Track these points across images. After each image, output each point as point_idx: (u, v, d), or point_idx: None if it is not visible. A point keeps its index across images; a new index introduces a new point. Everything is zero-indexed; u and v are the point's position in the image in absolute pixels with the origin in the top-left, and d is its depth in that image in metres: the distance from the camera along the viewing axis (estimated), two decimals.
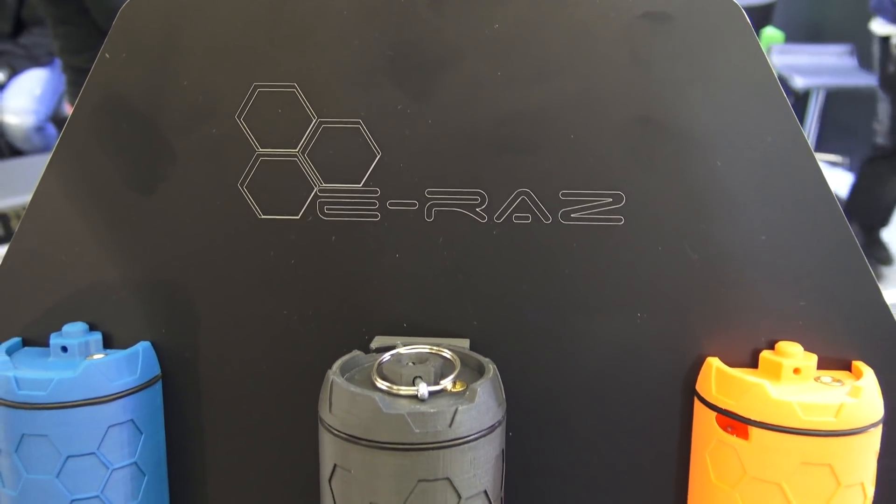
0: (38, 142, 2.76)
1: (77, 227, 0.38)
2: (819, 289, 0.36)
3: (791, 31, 3.65)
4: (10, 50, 2.78)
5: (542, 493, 0.39)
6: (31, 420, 0.35)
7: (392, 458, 0.30)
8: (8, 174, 2.58)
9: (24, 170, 2.56)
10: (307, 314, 0.38)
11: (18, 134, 2.72)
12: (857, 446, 0.33)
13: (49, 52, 2.78)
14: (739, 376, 0.35)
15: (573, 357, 0.37)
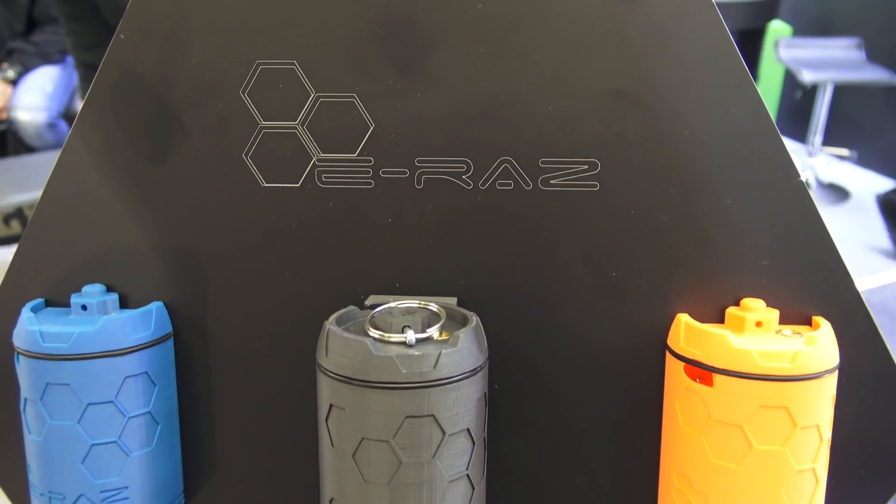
0: (50, 138, 2.80)
1: (95, 196, 0.41)
2: (780, 249, 0.39)
3: (799, 25, 3.65)
4: (21, 48, 2.81)
5: (525, 441, 0.42)
6: (54, 370, 0.39)
7: (382, 397, 0.33)
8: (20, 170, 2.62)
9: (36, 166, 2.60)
10: (306, 275, 0.41)
11: (30, 130, 2.76)
12: (811, 391, 0.36)
13: (60, 49, 2.82)
14: (705, 329, 0.38)
15: (553, 313, 0.40)
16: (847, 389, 0.40)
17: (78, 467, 0.39)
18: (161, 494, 0.42)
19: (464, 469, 0.35)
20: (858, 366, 0.40)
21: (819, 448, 0.37)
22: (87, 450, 0.39)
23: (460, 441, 0.35)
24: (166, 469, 0.42)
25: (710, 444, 0.38)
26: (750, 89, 0.38)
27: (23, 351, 0.39)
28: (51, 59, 2.85)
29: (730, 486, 0.37)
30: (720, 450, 0.37)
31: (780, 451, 0.36)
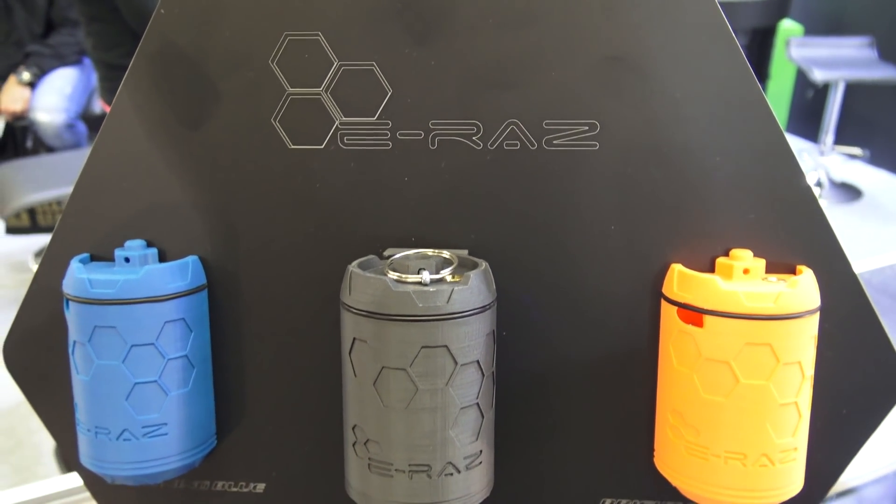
0: (69, 139, 2.85)
1: (136, 158, 0.45)
2: (767, 203, 0.42)
3: (810, 24, 3.66)
4: (38, 50, 2.87)
5: (531, 383, 0.45)
6: (101, 314, 0.42)
7: (400, 329, 0.37)
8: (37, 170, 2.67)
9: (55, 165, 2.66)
10: (329, 230, 0.45)
11: (50, 131, 2.82)
12: (793, 329, 0.40)
13: (77, 51, 2.87)
14: (696, 275, 0.41)
15: (557, 264, 0.44)
16: (829, 334, 0.43)
17: (122, 404, 0.43)
18: (195, 433, 0.46)
19: (474, 398, 0.38)
20: (839, 311, 0.43)
21: (801, 384, 0.40)
22: (131, 388, 0.43)
23: (471, 372, 0.38)
24: (201, 410, 0.46)
25: (700, 380, 0.41)
26: (737, 55, 0.41)
27: (72, 297, 0.43)
28: (67, 60, 2.90)
29: (719, 418, 0.40)
30: (710, 385, 0.41)
31: (764, 386, 0.40)
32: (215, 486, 0.49)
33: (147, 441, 0.44)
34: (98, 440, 0.44)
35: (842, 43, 3.36)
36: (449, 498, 0.38)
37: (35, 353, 0.48)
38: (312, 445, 0.47)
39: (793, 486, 0.41)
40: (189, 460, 0.45)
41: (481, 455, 0.39)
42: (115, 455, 0.44)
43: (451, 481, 0.38)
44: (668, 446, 0.43)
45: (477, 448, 0.39)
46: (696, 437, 0.41)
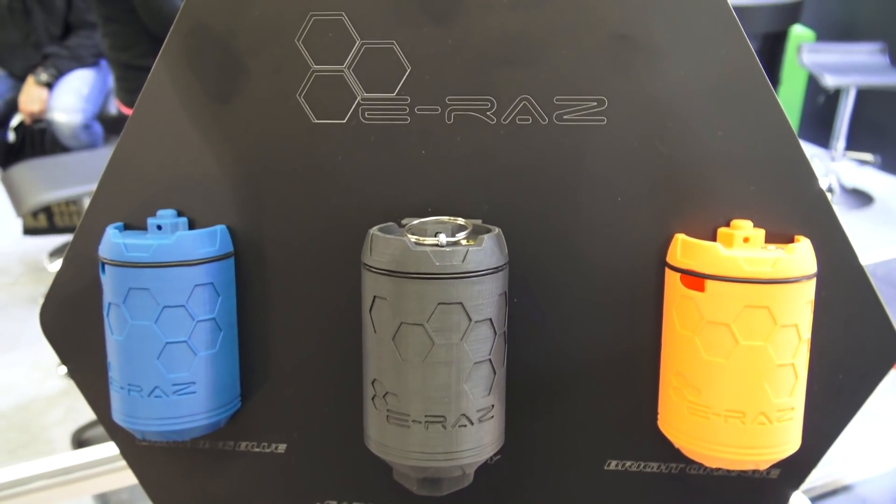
0: (85, 139, 2.89)
1: (169, 131, 0.47)
2: (766, 176, 0.44)
3: (822, 30, 3.67)
4: (56, 52, 2.91)
5: (541, 347, 0.47)
6: (136, 276, 0.45)
7: (418, 286, 0.39)
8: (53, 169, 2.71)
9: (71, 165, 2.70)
10: (350, 201, 0.47)
11: (67, 131, 2.86)
12: (790, 293, 0.42)
13: (94, 53, 2.91)
14: (698, 242, 0.44)
15: (565, 233, 0.46)
16: (825, 302, 0.45)
17: (154, 362, 0.46)
18: (222, 393, 0.48)
19: (487, 354, 0.41)
20: (835, 280, 0.45)
21: (798, 346, 0.43)
22: (162, 347, 0.46)
23: (484, 329, 0.40)
24: (226, 371, 0.48)
25: (702, 342, 0.43)
26: (738, 35, 0.43)
27: (108, 261, 0.45)
28: (84, 62, 2.94)
29: (719, 379, 0.43)
30: (711, 347, 0.43)
31: (762, 347, 0.42)
32: (239, 446, 0.51)
33: (176, 398, 0.46)
34: (130, 397, 0.46)
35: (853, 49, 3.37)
36: (462, 448, 0.41)
37: (71, 318, 0.50)
38: (331, 407, 0.50)
39: (790, 445, 0.43)
40: (215, 419, 0.48)
41: (493, 410, 0.42)
42: (146, 411, 0.46)
43: (465, 433, 0.41)
44: (671, 407, 0.45)
45: (489, 402, 0.41)
46: (698, 397, 0.43)
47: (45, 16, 2.96)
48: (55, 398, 2.39)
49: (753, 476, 0.48)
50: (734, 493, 0.48)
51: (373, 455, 0.49)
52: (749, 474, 0.48)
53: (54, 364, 2.52)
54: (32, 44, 2.97)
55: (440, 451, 0.40)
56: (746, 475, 0.48)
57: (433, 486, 0.43)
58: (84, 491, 0.79)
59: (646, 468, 0.48)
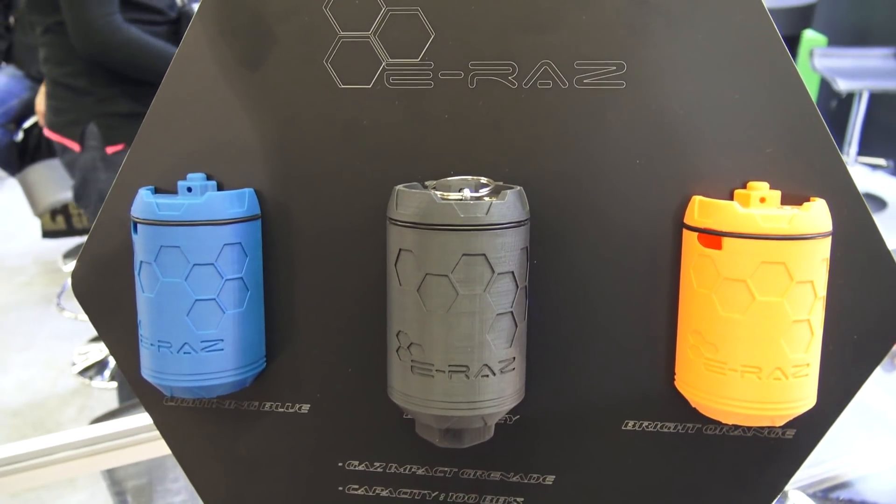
0: None
1: (199, 97, 0.49)
2: (782, 138, 0.45)
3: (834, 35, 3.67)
4: None
5: (556, 311, 0.49)
6: (167, 234, 0.46)
7: (443, 237, 0.40)
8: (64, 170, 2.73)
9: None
10: (375, 164, 0.48)
11: None
12: (806, 250, 0.43)
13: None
14: (716, 202, 0.45)
15: (585, 196, 0.47)
16: (840, 262, 0.46)
17: (183, 319, 0.47)
18: (248, 351, 0.49)
19: (509, 306, 0.42)
20: (851, 241, 0.46)
21: (813, 303, 0.43)
22: (192, 304, 0.47)
23: (506, 281, 0.41)
24: (253, 331, 0.50)
25: (719, 299, 0.44)
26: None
27: (141, 220, 0.47)
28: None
29: (736, 335, 0.44)
30: (728, 304, 0.44)
31: (778, 302, 0.43)
32: (263, 406, 0.52)
33: (205, 355, 0.47)
34: (160, 353, 0.47)
35: (865, 53, 3.37)
36: (484, 398, 0.42)
37: (101, 280, 0.52)
38: (355, 368, 0.51)
39: (805, 401, 0.44)
40: (241, 376, 0.49)
41: (514, 362, 0.43)
42: (175, 367, 0.47)
43: (487, 383, 0.42)
44: (688, 365, 0.46)
45: (510, 354, 0.42)
46: (715, 353, 0.44)
47: None
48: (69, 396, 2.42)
49: (769, 436, 0.49)
50: (750, 453, 0.49)
51: (395, 416, 0.50)
52: (764, 434, 0.49)
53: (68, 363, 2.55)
54: None
55: (463, 401, 0.42)
56: (762, 435, 0.49)
57: (455, 438, 0.44)
58: (96, 466, 0.81)
59: (662, 428, 0.49)
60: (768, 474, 0.49)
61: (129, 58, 1.66)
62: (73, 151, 1.80)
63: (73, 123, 1.76)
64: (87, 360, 2.54)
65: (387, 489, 0.52)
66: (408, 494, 0.52)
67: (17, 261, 3.49)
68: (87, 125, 1.75)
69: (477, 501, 0.52)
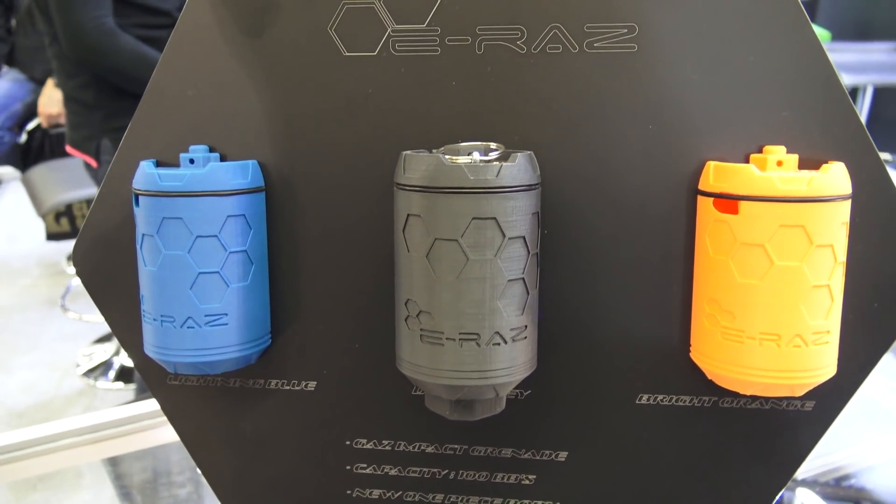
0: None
1: (201, 67, 0.48)
2: (799, 101, 0.44)
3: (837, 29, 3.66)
4: None
5: (567, 282, 0.47)
6: (169, 206, 0.45)
7: (452, 201, 0.39)
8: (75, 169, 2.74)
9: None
10: (381, 133, 0.47)
11: None
12: (825, 212, 0.41)
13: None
14: (731, 165, 0.43)
15: (596, 163, 0.46)
16: (859, 228, 0.45)
17: (187, 292, 0.46)
18: (253, 327, 0.48)
19: (520, 272, 0.41)
20: (870, 206, 0.45)
21: (833, 268, 0.42)
22: (195, 277, 0.46)
23: (517, 247, 0.40)
24: (258, 305, 0.49)
25: (736, 265, 0.43)
26: None
27: (143, 191, 0.46)
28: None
29: (754, 301, 0.42)
30: (745, 269, 0.42)
31: (798, 267, 0.42)
32: (269, 384, 0.51)
33: (209, 329, 0.46)
34: (163, 328, 0.46)
35: (869, 48, 3.35)
36: (496, 367, 0.41)
37: (103, 257, 0.51)
38: (362, 344, 0.50)
39: (826, 370, 0.43)
40: (247, 352, 0.48)
41: (526, 330, 0.42)
42: (178, 342, 0.46)
43: (498, 351, 0.41)
44: (705, 335, 0.45)
45: (522, 322, 0.41)
46: (732, 321, 0.43)
47: None
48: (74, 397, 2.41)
49: (787, 408, 0.47)
50: (768, 426, 0.48)
51: (404, 392, 0.49)
52: (783, 407, 0.47)
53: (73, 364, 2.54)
54: None
55: (473, 370, 0.40)
56: (780, 408, 0.47)
57: (466, 410, 0.43)
58: (99, 454, 0.80)
59: (678, 402, 0.48)
60: (787, 448, 0.48)
61: (121, 65, 1.58)
62: (92, 167, 1.77)
63: (87, 139, 1.72)
64: (92, 362, 2.53)
65: (395, 468, 0.51)
66: (417, 473, 0.51)
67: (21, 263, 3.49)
68: (101, 140, 1.70)
69: (488, 479, 0.51)
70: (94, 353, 2.58)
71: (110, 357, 2.51)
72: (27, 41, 3.03)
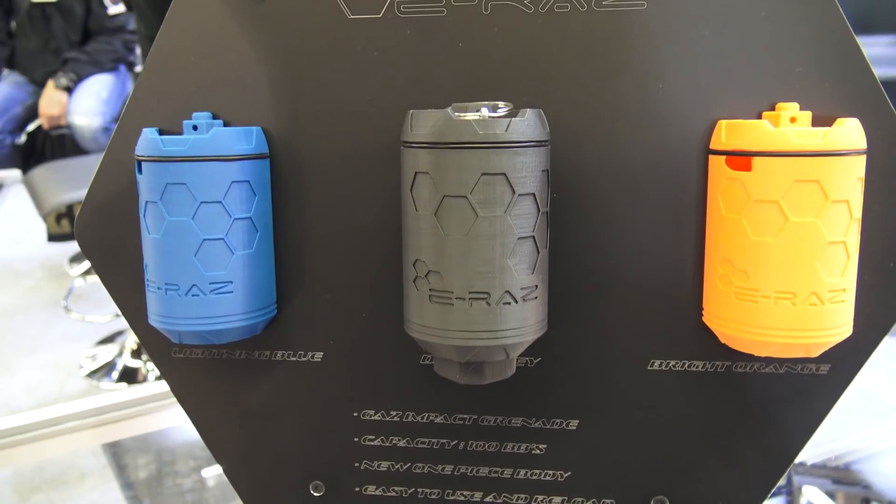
0: (105, 142, 2.92)
1: (203, 33, 0.47)
2: (812, 56, 0.43)
3: None
4: (75, 57, 2.94)
5: (579, 245, 0.47)
6: (173, 171, 0.45)
7: (461, 156, 0.38)
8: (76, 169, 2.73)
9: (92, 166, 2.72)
10: (387, 97, 0.47)
11: (87, 134, 2.88)
12: (841, 167, 0.41)
13: (113, 58, 2.93)
14: (744, 122, 0.43)
15: (607, 122, 0.45)
16: (875, 186, 0.44)
17: (191, 259, 0.45)
18: (258, 295, 0.48)
19: (530, 230, 0.40)
20: (886, 163, 0.44)
21: (849, 224, 0.41)
22: (199, 244, 0.45)
23: (527, 204, 0.40)
24: (263, 273, 0.48)
25: (749, 223, 0.42)
26: None
27: (146, 157, 0.45)
28: (104, 67, 2.96)
29: (768, 259, 0.42)
30: (759, 227, 0.42)
31: (813, 223, 0.41)
32: (275, 355, 0.50)
33: (214, 297, 0.46)
34: (168, 297, 0.46)
35: (869, 41, 3.35)
36: (506, 327, 0.40)
37: (105, 227, 0.50)
38: (369, 313, 0.49)
39: (843, 329, 0.42)
40: (252, 321, 0.47)
41: (536, 290, 0.41)
42: (183, 310, 0.46)
43: (509, 310, 0.40)
44: (718, 297, 0.44)
45: (533, 282, 0.40)
46: (746, 280, 0.42)
47: (64, 22, 3.00)
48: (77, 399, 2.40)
49: (802, 372, 0.47)
50: (782, 390, 0.47)
51: (412, 362, 0.49)
52: (797, 370, 0.47)
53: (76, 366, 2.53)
54: (52, 50, 3.01)
55: (483, 330, 0.40)
56: (794, 372, 0.47)
57: (476, 373, 0.42)
58: (99, 438, 0.79)
59: (691, 367, 0.47)
60: (802, 412, 0.47)
61: None
62: None
63: None
64: (96, 363, 2.53)
65: (404, 439, 0.51)
66: (426, 444, 0.50)
67: (23, 265, 3.48)
68: None
69: (498, 450, 0.50)
70: (97, 354, 2.58)
71: (113, 358, 2.51)
72: (27, 43, 3.03)
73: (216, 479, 1.10)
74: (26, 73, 3.08)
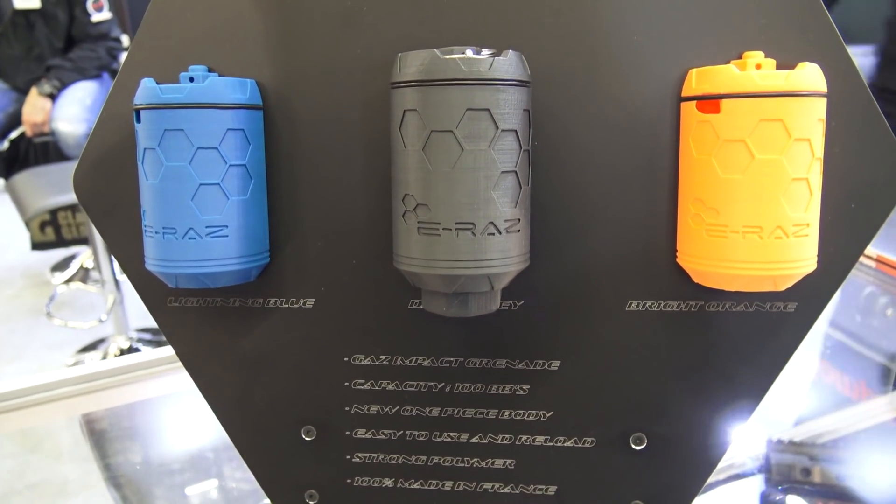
0: None
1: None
2: (775, 8, 0.46)
3: None
4: (59, 64, 2.94)
5: (556, 190, 0.49)
6: (171, 117, 0.47)
7: (447, 92, 0.41)
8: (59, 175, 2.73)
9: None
10: (376, 52, 0.49)
11: (70, 141, 2.88)
12: (803, 107, 0.43)
13: (97, 66, 2.94)
14: (712, 67, 0.45)
15: (585, 70, 0.48)
16: (835, 131, 0.47)
17: (188, 203, 0.47)
18: (252, 241, 0.49)
19: (513, 165, 0.42)
20: (845, 109, 0.47)
21: (811, 163, 0.44)
22: (196, 188, 0.47)
23: (510, 140, 0.42)
24: (257, 221, 0.50)
25: (719, 162, 0.45)
26: None
27: (144, 105, 0.47)
28: (87, 74, 2.97)
29: (736, 196, 0.44)
30: (727, 165, 0.44)
31: (777, 160, 0.43)
32: (268, 303, 0.52)
33: (210, 241, 0.48)
34: (165, 241, 0.47)
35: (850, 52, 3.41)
36: (490, 256, 0.42)
37: (102, 178, 0.52)
38: (359, 260, 0.51)
39: (807, 262, 0.45)
40: (246, 266, 0.49)
41: (519, 223, 0.43)
42: (180, 253, 0.47)
43: (493, 241, 0.42)
44: (690, 235, 0.47)
45: (516, 215, 0.43)
46: (716, 217, 0.45)
47: (47, 29, 3.01)
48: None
49: (770, 310, 0.49)
50: (752, 328, 0.49)
51: (401, 307, 0.51)
52: (766, 308, 0.49)
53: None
54: (35, 57, 3.02)
55: (468, 259, 0.42)
56: (763, 310, 0.49)
57: (462, 305, 0.44)
58: (75, 409, 0.80)
59: (665, 307, 0.50)
60: (771, 349, 0.49)
61: None
62: None
63: None
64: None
65: (393, 383, 0.52)
66: (414, 387, 0.52)
67: (5, 274, 3.46)
68: None
69: (483, 391, 0.52)
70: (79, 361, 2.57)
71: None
72: (10, 51, 3.03)
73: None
74: (9, 80, 3.08)
